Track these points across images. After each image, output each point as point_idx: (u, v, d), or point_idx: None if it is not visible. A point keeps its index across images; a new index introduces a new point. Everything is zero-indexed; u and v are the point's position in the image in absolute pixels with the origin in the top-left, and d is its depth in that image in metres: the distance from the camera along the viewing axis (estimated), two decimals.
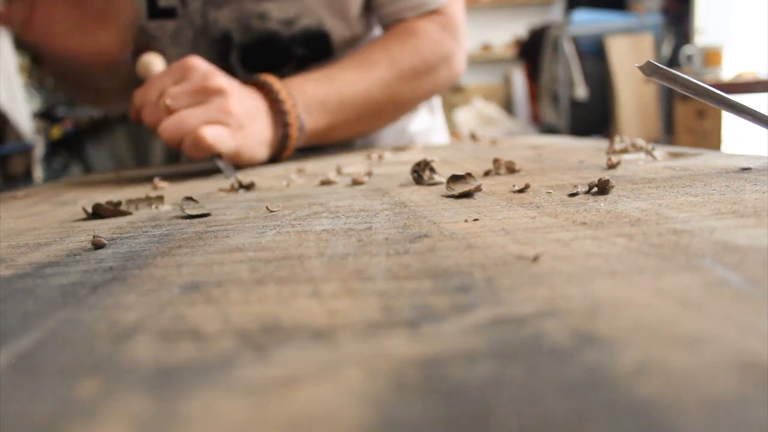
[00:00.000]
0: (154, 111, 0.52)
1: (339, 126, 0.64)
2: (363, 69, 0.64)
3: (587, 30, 2.94)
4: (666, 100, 2.81)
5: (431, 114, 0.86)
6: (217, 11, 0.64)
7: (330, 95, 0.61)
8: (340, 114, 0.63)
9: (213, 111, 0.52)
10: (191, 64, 0.53)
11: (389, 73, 0.66)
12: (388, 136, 0.80)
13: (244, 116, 0.54)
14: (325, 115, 0.62)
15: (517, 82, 3.57)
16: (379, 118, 0.70)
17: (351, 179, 0.39)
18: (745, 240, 0.17)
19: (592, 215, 0.22)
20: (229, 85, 0.53)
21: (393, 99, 0.67)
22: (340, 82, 0.62)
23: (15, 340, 0.14)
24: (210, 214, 0.30)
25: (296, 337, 0.13)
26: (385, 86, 0.65)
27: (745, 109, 0.31)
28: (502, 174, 0.37)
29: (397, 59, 0.66)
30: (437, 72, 0.70)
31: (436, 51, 0.69)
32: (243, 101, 0.54)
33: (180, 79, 0.53)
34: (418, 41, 0.68)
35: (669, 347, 0.11)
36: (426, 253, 0.19)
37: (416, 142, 0.80)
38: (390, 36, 0.69)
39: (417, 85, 0.69)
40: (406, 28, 0.69)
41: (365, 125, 0.69)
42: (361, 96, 0.64)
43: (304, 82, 0.60)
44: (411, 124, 0.82)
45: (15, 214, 0.38)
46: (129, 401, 0.10)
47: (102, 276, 0.19)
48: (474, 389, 0.10)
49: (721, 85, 1.68)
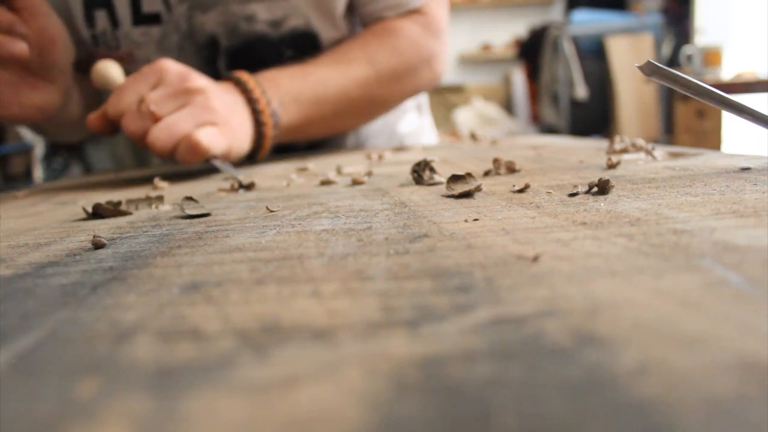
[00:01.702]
0: (138, 119, 0.49)
1: (314, 121, 0.63)
2: (339, 66, 0.64)
3: (587, 30, 2.94)
4: (666, 100, 2.81)
5: (420, 115, 0.86)
6: (203, 15, 0.63)
7: (304, 90, 0.61)
8: (315, 109, 0.62)
9: (199, 111, 0.50)
10: (164, 66, 0.51)
11: (366, 71, 0.65)
12: (378, 137, 0.80)
13: (226, 112, 0.53)
14: (300, 110, 0.61)
15: (517, 82, 3.57)
16: (356, 115, 0.69)
17: (351, 179, 0.39)
18: (745, 240, 0.17)
19: (592, 215, 0.22)
20: (206, 83, 0.52)
21: (370, 97, 0.67)
22: (316, 77, 0.62)
23: (15, 340, 0.14)
24: (210, 214, 0.30)
25: (296, 337, 0.13)
26: (362, 84, 0.65)
27: (745, 109, 0.31)
28: (502, 174, 0.37)
29: (375, 58, 0.66)
30: (418, 72, 0.70)
31: (416, 51, 0.69)
32: (222, 97, 0.53)
33: (156, 83, 0.51)
34: (397, 41, 0.67)
35: (669, 347, 0.11)
36: (426, 253, 0.19)
37: (405, 142, 0.80)
38: (369, 34, 0.68)
39: (396, 85, 0.69)
40: (386, 27, 0.68)
41: (341, 122, 0.69)
42: (336, 92, 0.63)
43: (278, 76, 0.60)
44: (400, 125, 0.82)
45: (15, 214, 0.38)
46: (129, 401, 0.10)
47: (102, 276, 0.19)
48: (474, 389, 0.10)
49: (721, 85, 1.68)
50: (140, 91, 0.50)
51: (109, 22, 0.63)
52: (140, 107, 0.50)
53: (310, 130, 0.65)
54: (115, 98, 0.51)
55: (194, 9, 0.62)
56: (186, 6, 0.62)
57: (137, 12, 0.62)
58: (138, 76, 0.51)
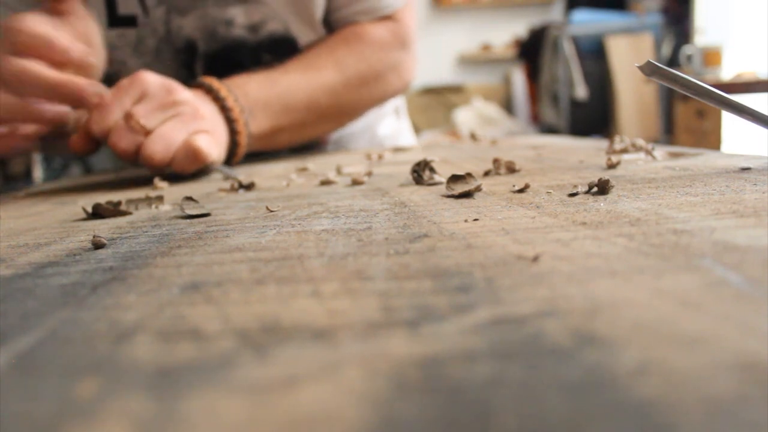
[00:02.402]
0: (127, 135, 0.47)
1: (283, 129, 0.63)
2: (308, 72, 0.63)
3: (587, 30, 2.94)
4: (666, 100, 2.81)
5: (398, 118, 0.87)
6: (182, 19, 0.62)
7: (272, 97, 0.60)
8: (284, 117, 0.62)
9: (190, 120, 0.50)
10: (146, 79, 0.49)
11: (334, 77, 0.64)
12: (359, 140, 0.80)
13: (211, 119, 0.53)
14: (269, 118, 0.60)
15: (517, 82, 3.57)
16: (324, 122, 0.69)
17: (351, 179, 0.39)
18: (745, 240, 0.17)
19: (592, 215, 0.22)
20: (188, 95, 0.51)
21: (338, 104, 0.66)
22: (284, 84, 0.61)
23: (15, 340, 0.14)
24: (210, 214, 0.30)
25: (296, 337, 0.13)
26: (330, 90, 0.64)
27: (745, 109, 0.31)
28: (502, 174, 0.37)
29: (344, 64, 0.65)
30: (385, 79, 0.70)
31: (382, 59, 0.68)
32: (204, 106, 0.53)
33: (139, 96, 0.49)
34: (365, 47, 0.67)
35: (669, 347, 0.11)
36: (426, 253, 0.19)
37: (385, 144, 0.81)
38: (337, 39, 0.67)
39: (364, 91, 0.68)
40: (354, 32, 0.68)
41: (309, 130, 0.68)
42: (305, 99, 0.63)
43: (247, 83, 0.59)
44: (380, 127, 0.82)
45: (15, 214, 0.38)
46: (129, 401, 0.10)
47: (102, 276, 0.19)
48: (474, 389, 0.10)
49: (721, 85, 1.68)
50: (124, 106, 0.48)
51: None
52: (128, 122, 0.48)
53: (278, 139, 0.64)
54: (98, 116, 0.48)
55: (172, 12, 0.61)
56: (164, 9, 0.61)
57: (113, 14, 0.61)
58: (119, 91, 0.49)
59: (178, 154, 0.48)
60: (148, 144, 0.47)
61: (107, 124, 0.48)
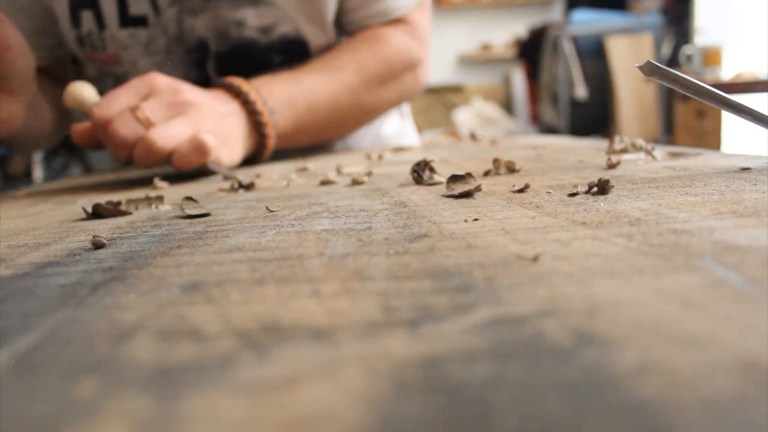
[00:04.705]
0: (131, 123, 0.48)
1: (306, 129, 0.63)
2: (330, 73, 0.64)
3: (587, 30, 2.94)
4: (666, 100, 2.81)
5: (402, 118, 0.88)
6: (194, 19, 0.62)
7: (296, 97, 0.60)
8: (308, 116, 0.62)
9: (195, 119, 0.50)
10: (156, 79, 0.50)
11: (356, 78, 0.65)
12: (364, 139, 0.80)
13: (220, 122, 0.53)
14: (293, 117, 0.61)
15: (516, 82, 3.57)
16: (345, 123, 0.69)
17: (351, 179, 0.39)
18: (745, 240, 0.17)
19: (592, 215, 0.22)
20: (198, 96, 0.52)
21: (359, 103, 0.67)
22: (308, 84, 0.62)
23: (15, 340, 0.14)
24: (210, 214, 0.30)
25: (296, 337, 0.13)
26: (352, 90, 0.65)
27: (745, 109, 0.31)
28: (502, 174, 0.37)
29: (365, 64, 0.66)
30: (402, 79, 0.70)
31: (402, 58, 0.69)
32: (214, 108, 0.53)
33: (147, 94, 0.50)
34: (384, 47, 0.67)
35: (669, 347, 0.11)
36: (426, 253, 0.19)
37: (389, 144, 0.81)
38: (357, 41, 0.68)
39: (383, 92, 0.69)
40: (374, 34, 0.68)
41: (331, 130, 0.69)
42: (329, 98, 0.63)
43: (271, 83, 0.59)
44: (384, 128, 0.83)
45: (15, 214, 0.38)
46: (129, 401, 0.10)
47: (102, 276, 0.19)
48: (474, 389, 0.10)
49: (721, 85, 1.68)
50: (131, 100, 0.49)
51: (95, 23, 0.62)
52: (135, 113, 0.48)
53: (300, 138, 0.64)
54: (104, 105, 0.48)
55: (184, 12, 0.62)
56: (176, 9, 0.61)
57: (124, 14, 0.61)
58: (128, 87, 0.49)
59: (182, 146, 0.48)
60: (149, 133, 0.47)
61: (111, 112, 0.48)
